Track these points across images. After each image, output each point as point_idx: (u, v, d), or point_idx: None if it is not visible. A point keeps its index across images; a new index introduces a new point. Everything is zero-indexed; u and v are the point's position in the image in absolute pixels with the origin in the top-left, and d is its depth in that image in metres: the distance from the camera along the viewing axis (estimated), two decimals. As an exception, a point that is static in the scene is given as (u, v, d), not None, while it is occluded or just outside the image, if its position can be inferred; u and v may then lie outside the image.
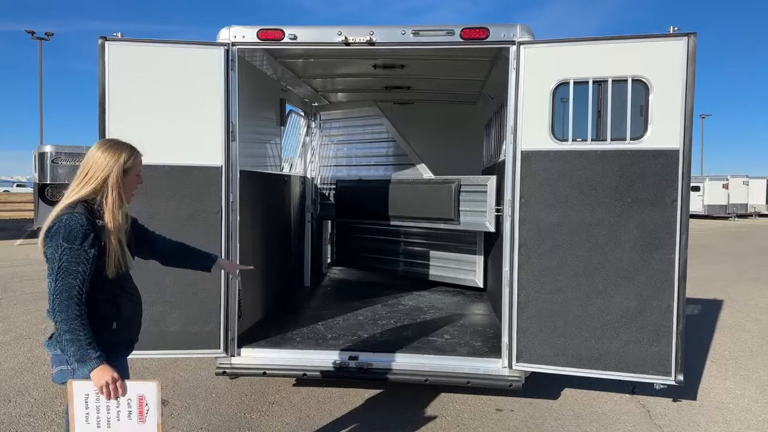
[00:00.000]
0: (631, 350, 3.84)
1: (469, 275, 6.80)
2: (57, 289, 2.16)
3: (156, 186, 4.04)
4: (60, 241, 2.17)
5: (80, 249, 2.19)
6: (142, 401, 2.33)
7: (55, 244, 2.18)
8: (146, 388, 2.34)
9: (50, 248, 2.19)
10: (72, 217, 2.21)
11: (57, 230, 2.20)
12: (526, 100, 3.95)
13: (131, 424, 2.32)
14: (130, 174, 2.39)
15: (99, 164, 2.32)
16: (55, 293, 2.16)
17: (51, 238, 2.20)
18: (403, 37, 4.12)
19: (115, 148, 2.37)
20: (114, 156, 2.34)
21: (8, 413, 4.35)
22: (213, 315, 4.15)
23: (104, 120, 4.01)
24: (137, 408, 2.33)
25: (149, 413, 2.34)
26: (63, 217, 2.22)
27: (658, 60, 3.75)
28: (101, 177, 2.30)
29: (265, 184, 5.63)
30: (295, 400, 4.63)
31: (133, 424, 2.32)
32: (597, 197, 3.85)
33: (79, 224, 2.20)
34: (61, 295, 2.16)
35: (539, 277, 3.96)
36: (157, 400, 2.34)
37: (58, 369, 2.35)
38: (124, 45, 4.02)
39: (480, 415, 4.39)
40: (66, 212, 2.24)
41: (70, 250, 2.18)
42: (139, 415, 2.33)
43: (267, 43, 4.22)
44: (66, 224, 2.19)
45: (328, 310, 5.83)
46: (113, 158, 2.33)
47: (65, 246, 2.17)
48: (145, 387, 2.34)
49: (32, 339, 6.34)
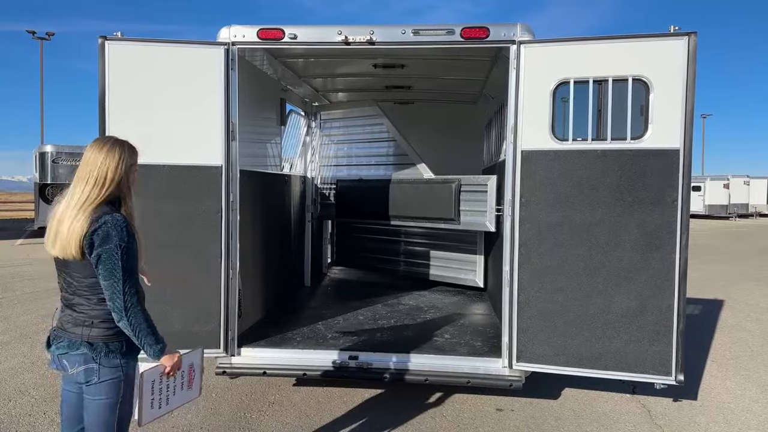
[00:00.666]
0: (631, 350, 3.83)
1: (470, 275, 6.79)
2: (126, 288, 2.27)
3: (156, 186, 4.03)
4: (117, 242, 2.26)
5: (132, 246, 2.31)
6: (191, 370, 2.55)
7: (113, 245, 2.25)
8: (195, 357, 2.56)
9: (108, 250, 2.25)
10: (116, 217, 2.30)
11: (109, 232, 2.26)
12: (526, 100, 3.94)
13: (183, 393, 2.53)
14: (132, 170, 2.45)
15: (109, 165, 2.35)
16: (125, 293, 2.27)
17: (105, 240, 2.25)
18: (404, 36, 4.12)
19: (119, 147, 2.40)
20: (120, 155, 2.38)
21: (8, 413, 4.35)
22: (213, 315, 4.15)
23: (104, 119, 4.00)
24: (188, 377, 2.54)
25: (195, 378, 2.57)
26: (106, 217, 2.28)
27: (658, 59, 3.75)
28: (116, 178, 2.35)
29: (265, 183, 5.63)
30: (295, 399, 4.62)
31: (184, 393, 2.54)
32: (597, 197, 3.85)
33: (125, 223, 2.31)
34: (130, 292, 2.28)
35: (539, 277, 3.95)
36: (203, 364, 2.59)
37: (82, 368, 2.37)
38: (124, 44, 4.01)
39: (480, 415, 4.38)
40: (103, 213, 2.29)
41: (128, 250, 2.28)
42: (189, 383, 2.54)
43: (267, 42, 4.22)
44: (116, 225, 2.27)
45: (328, 309, 5.83)
46: (120, 157, 2.37)
47: (124, 245, 2.27)
48: (194, 356, 2.56)
49: (32, 339, 6.35)
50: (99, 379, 2.36)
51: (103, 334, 2.35)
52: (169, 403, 2.48)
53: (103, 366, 2.35)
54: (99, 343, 2.35)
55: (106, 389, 2.36)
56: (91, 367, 2.36)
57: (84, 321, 2.36)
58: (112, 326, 2.35)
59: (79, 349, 2.36)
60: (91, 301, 2.35)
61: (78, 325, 2.36)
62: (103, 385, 2.36)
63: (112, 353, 2.36)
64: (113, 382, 2.37)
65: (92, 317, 2.35)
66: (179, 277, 4.07)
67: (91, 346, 2.34)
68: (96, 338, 2.35)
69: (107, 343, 2.36)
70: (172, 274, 3.92)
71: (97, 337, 2.35)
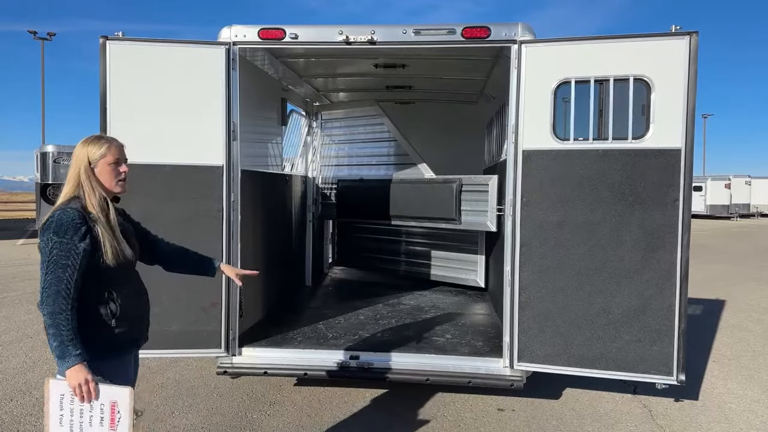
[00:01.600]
0: (632, 350, 3.83)
1: (471, 275, 6.79)
2: (46, 282, 2.19)
3: (157, 186, 4.04)
4: (51, 234, 2.22)
5: (70, 242, 2.22)
6: (114, 408, 2.24)
7: (46, 238, 2.23)
8: (119, 395, 2.24)
9: (42, 242, 2.24)
10: (64, 212, 2.26)
11: (48, 225, 2.25)
12: (527, 100, 3.94)
13: (101, 429, 2.23)
14: (99, 164, 2.39)
15: (74, 160, 2.39)
16: (44, 286, 2.19)
17: (43, 232, 2.25)
18: (404, 36, 4.12)
19: (85, 143, 2.41)
20: (84, 149, 2.38)
21: (10, 412, 4.35)
22: (214, 314, 4.15)
23: (105, 119, 4.01)
24: (109, 415, 2.23)
25: (121, 421, 2.23)
26: (56, 212, 2.27)
27: (659, 59, 3.74)
28: (76, 171, 2.36)
29: (266, 183, 5.63)
30: (296, 399, 4.63)
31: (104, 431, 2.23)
32: (598, 197, 3.84)
33: (69, 218, 2.24)
34: (50, 288, 2.18)
35: (541, 277, 3.95)
36: (129, 408, 2.23)
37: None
38: (125, 44, 4.02)
39: (481, 415, 4.38)
40: (59, 208, 2.30)
41: (60, 244, 2.21)
42: (110, 423, 2.23)
43: (268, 42, 4.22)
44: (57, 219, 2.24)
45: (329, 309, 5.83)
46: (83, 152, 2.38)
47: (55, 240, 2.21)
48: (118, 393, 2.24)
49: (34, 338, 6.35)
50: None
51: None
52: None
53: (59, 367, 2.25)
54: None
55: None
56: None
57: None
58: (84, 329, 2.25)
59: None
60: None
61: None
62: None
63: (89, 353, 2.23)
64: None
65: None
66: (180, 276, 4.06)
67: None
68: None
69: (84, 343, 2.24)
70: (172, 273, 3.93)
71: None
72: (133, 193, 3.88)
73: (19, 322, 7.12)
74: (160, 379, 5.09)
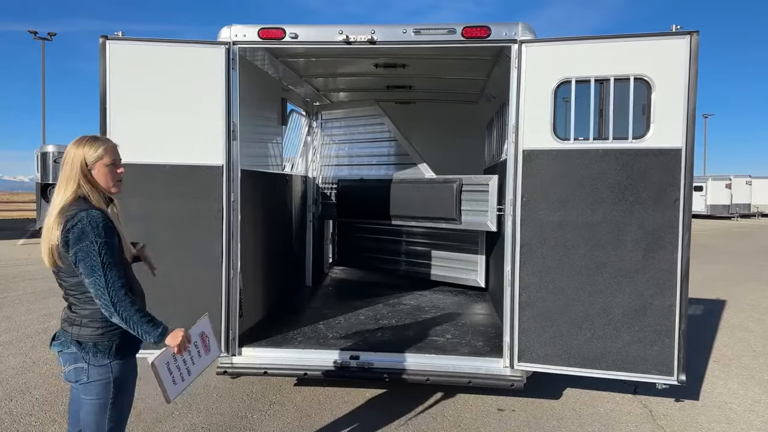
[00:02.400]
0: (633, 350, 3.82)
1: (471, 275, 6.78)
2: (109, 284, 2.23)
3: (157, 185, 4.04)
4: (93, 237, 2.23)
5: (111, 241, 2.29)
6: (204, 337, 2.60)
7: (89, 242, 2.23)
8: (203, 325, 2.61)
9: (84, 247, 2.22)
10: (91, 213, 2.27)
11: (83, 228, 2.23)
12: (527, 99, 3.93)
13: (202, 358, 2.59)
14: (96, 166, 2.38)
15: (69, 161, 2.37)
16: (110, 288, 2.23)
17: (80, 237, 2.23)
18: (405, 35, 4.11)
19: (80, 144, 2.39)
20: (79, 150, 2.37)
21: (9, 412, 4.35)
22: (214, 314, 4.14)
23: (105, 119, 4.01)
24: (202, 345, 2.59)
25: (210, 343, 2.63)
26: (81, 215, 2.25)
27: (660, 59, 3.74)
28: (73, 172, 2.35)
29: (266, 183, 5.63)
30: (296, 399, 4.62)
31: (203, 358, 2.59)
32: (599, 196, 3.84)
33: (102, 219, 2.28)
34: (115, 286, 2.25)
35: (541, 277, 3.95)
36: (212, 329, 2.64)
37: (72, 368, 2.37)
38: (125, 44, 4.02)
39: (481, 415, 4.38)
40: (77, 210, 2.27)
41: (106, 244, 2.26)
42: (204, 349, 2.60)
43: (268, 42, 4.22)
44: (92, 221, 2.25)
45: (329, 309, 5.82)
46: (79, 153, 2.37)
47: (101, 241, 2.24)
48: (201, 325, 2.60)
49: (34, 338, 6.35)
50: (88, 379, 2.34)
51: (91, 333, 2.34)
52: (191, 374, 2.53)
53: (91, 366, 2.33)
54: (88, 343, 2.33)
55: (95, 389, 2.34)
56: (80, 366, 2.35)
57: (75, 320, 2.36)
58: (101, 326, 2.34)
59: (70, 348, 2.36)
60: (80, 300, 2.35)
61: (71, 324, 2.36)
62: (93, 385, 2.34)
63: (100, 353, 2.34)
64: (102, 382, 2.35)
65: (82, 316, 2.35)
66: (180, 276, 4.07)
67: (80, 345, 2.33)
68: (85, 337, 2.33)
69: (96, 343, 2.33)
70: (173, 273, 3.93)
71: (86, 337, 2.33)
72: (133, 193, 3.91)
73: (19, 322, 7.12)
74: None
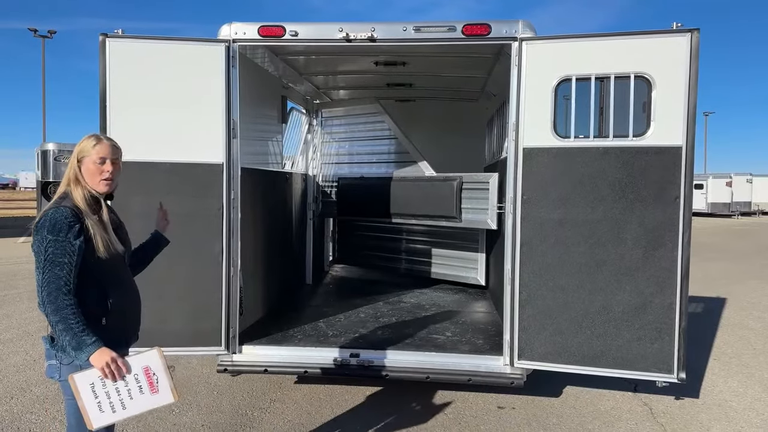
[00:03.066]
0: (633, 348, 3.82)
1: (471, 273, 6.79)
2: (44, 281, 2.17)
3: (156, 183, 4.04)
4: (45, 233, 2.21)
5: (65, 240, 2.21)
6: (148, 372, 2.27)
7: (40, 237, 2.21)
8: (149, 358, 2.29)
9: (36, 241, 2.23)
10: (57, 210, 2.26)
11: (42, 224, 2.24)
12: (528, 97, 3.93)
13: (146, 397, 2.26)
14: (84, 162, 2.40)
15: (71, 157, 2.43)
16: (43, 285, 2.17)
17: (37, 231, 2.24)
18: (405, 33, 4.11)
19: (81, 140, 2.44)
20: (78, 147, 2.43)
21: (9, 410, 4.35)
22: (214, 312, 4.15)
23: (105, 117, 4.01)
24: (146, 380, 2.27)
25: (159, 381, 2.29)
26: (49, 211, 2.27)
27: (661, 56, 3.73)
28: (72, 169, 2.40)
29: (266, 181, 5.62)
30: (296, 397, 4.63)
31: (147, 398, 2.26)
32: (599, 194, 3.84)
33: (63, 216, 2.23)
34: (49, 286, 2.17)
35: (541, 275, 3.95)
36: (162, 366, 2.29)
37: (47, 364, 2.36)
38: (125, 42, 4.01)
39: (481, 413, 4.38)
40: (53, 206, 2.29)
41: (56, 242, 2.20)
42: (150, 387, 2.27)
43: (268, 39, 4.21)
44: (51, 217, 2.24)
45: (329, 307, 5.83)
46: (77, 149, 2.42)
47: (50, 238, 2.20)
48: (146, 357, 2.29)
49: (35, 336, 6.36)
50: (60, 377, 2.31)
51: None
52: (126, 408, 2.23)
53: (63, 364, 2.29)
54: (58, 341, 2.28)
55: (68, 388, 2.26)
56: (52, 363, 2.32)
57: None
58: None
59: (46, 345, 2.34)
60: None
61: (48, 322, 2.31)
62: (65, 383, 2.27)
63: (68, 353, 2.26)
64: None
65: None
66: (181, 274, 4.07)
67: (52, 341, 2.30)
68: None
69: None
70: (173, 271, 3.93)
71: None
72: (133, 191, 3.92)
73: (19, 319, 7.13)
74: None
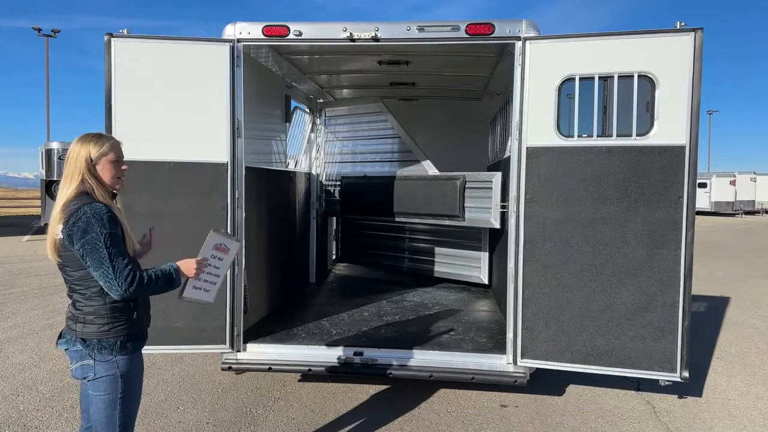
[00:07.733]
0: (636, 346, 3.83)
1: (474, 272, 6.79)
2: (117, 272, 2.26)
3: (162, 182, 4.06)
4: (99, 229, 2.25)
5: (116, 232, 2.31)
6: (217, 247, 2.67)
7: (95, 234, 2.25)
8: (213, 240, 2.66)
9: (90, 240, 2.25)
10: (95, 206, 2.30)
11: (89, 221, 2.26)
12: (531, 96, 3.94)
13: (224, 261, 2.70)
14: (101, 162, 2.42)
15: (73, 158, 2.41)
16: (118, 277, 2.26)
17: (86, 230, 2.25)
18: (408, 33, 4.12)
19: (84, 140, 2.43)
20: (84, 147, 2.41)
21: (16, 407, 4.39)
22: (219, 311, 4.17)
23: (110, 116, 4.02)
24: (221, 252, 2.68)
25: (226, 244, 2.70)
26: (85, 208, 2.28)
27: (664, 56, 3.73)
28: (78, 169, 2.39)
29: (270, 180, 5.64)
30: (300, 395, 4.65)
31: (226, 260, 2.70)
32: (602, 193, 3.84)
33: (104, 211, 2.30)
34: (123, 274, 2.26)
35: (544, 274, 3.95)
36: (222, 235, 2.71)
37: (78, 365, 2.40)
38: (130, 41, 4.03)
39: (484, 411, 4.40)
40: (81, 204, 2.30)
41: (112, 235, 2.28)
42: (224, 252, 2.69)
43: (272, 39, 4.23)
44: (95, 214, 2.27)
45: (333, 306, 5.84)
46: (84, 150, 2.41)
47: (105, 231, 2.26)
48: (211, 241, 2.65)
49: (40, 334, 6.40)
50: (95, 375, 2.37)
51: (96, 330, 2.36)
52: (220, 276, 2.69)
53: (97, 362, 2.36)
54: (92, 340, 2.36)
55: (103, 385, 2.37)
56: (86, 363, 2.38)
57: (79, 317, 2.38)
58: (105, 323, 2.36)
59: (75, 346, 2.39)
60: (84, 296, 2.37)
61: (76, 322, 2.39)
62: (100, 381, 2.37)
63: (105, 350, 2.36)
64: (109, 378, 2.37)
65: (86, 313, 2.37)
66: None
67: (84, 342, 2.36)
68: (89, 335, 2.36)
69: (100, 340, 2.36)
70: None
71: (90, 334, 2.36)
72: (138, 190, 3.94)
73: (25, 318, 7.17)
74: (166, 375, 5.12)
